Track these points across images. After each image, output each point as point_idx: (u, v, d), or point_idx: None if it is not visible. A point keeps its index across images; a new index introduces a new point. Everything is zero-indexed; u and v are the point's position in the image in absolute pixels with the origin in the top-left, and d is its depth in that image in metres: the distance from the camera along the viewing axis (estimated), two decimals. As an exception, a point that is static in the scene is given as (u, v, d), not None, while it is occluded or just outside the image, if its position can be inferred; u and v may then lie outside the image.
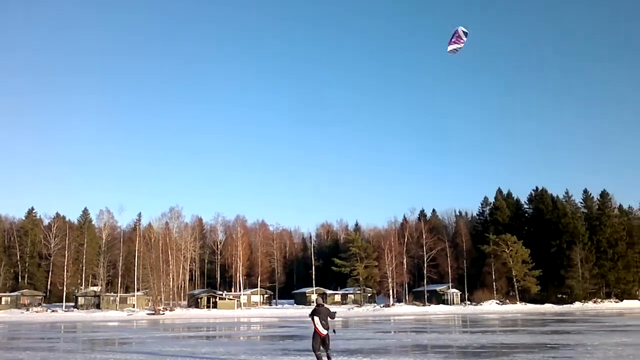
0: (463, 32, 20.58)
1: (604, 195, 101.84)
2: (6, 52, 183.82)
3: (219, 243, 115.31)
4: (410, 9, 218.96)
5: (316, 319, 14.65)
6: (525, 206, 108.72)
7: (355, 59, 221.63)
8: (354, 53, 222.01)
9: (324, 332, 14.63)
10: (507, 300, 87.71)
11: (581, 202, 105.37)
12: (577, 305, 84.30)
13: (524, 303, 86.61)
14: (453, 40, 20.73)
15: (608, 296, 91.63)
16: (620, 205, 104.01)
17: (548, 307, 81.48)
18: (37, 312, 77.60)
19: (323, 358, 14.78)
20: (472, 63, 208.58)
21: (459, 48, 20.81)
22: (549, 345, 21.58)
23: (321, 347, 14.75)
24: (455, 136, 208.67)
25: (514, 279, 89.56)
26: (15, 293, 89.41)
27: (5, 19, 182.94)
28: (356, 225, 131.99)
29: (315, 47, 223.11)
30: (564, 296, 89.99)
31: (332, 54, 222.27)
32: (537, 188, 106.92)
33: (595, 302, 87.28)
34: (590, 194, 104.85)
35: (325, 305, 15.47)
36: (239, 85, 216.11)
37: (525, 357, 16.87)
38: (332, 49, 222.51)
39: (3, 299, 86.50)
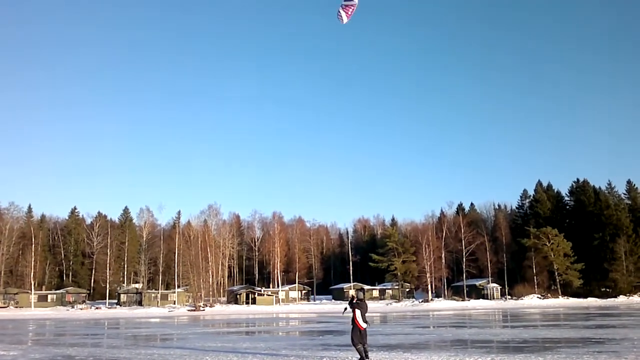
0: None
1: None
2: (35, 49, 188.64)
3: (256, 240, 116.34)
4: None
5: (358, 312, 14.72)
6: (566, 198, 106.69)
7: (385, 59, 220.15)
8: (383, 53, 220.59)
9: (364, 325, 14.72)
10: (549, 295, 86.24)
11: (624, 193, 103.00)
12: (622, 299, 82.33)
13: (566, 297, 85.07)
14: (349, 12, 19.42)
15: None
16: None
17: (591, 301, 79.85)
18: (81, 309, 79.64)
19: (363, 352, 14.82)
20: (506, 58, 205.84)
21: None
22: (593, 340, 21.15)
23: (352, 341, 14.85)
24: (493, 129, 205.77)
25: (556, 273, 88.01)
26: (61, 291, 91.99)
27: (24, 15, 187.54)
28: (393, 220, 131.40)
29: (345, 46, 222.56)
30: (608, 290, 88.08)
31: (362, 52, 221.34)
32: (578, 180, 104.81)
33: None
34: (634, 185, 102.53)
35: (365, 301, 15.51)
36: (273, 82, 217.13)
37: (569, 352, 16.57)
38: (362, 48, 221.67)
39: (49, 296, 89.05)
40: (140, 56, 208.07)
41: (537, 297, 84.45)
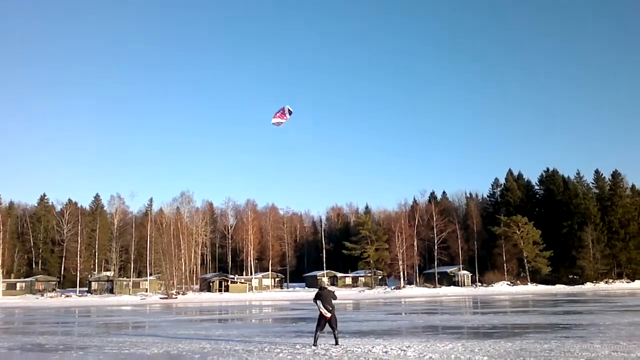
0: (289, 110, 21.64)
1: (615, 175, 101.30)
2: (16, 43, 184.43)
3: (229, 227, 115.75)
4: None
5: (319, 302, 15.03)
6: (536, 187, 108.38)
7: (360, 47, 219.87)
8: (359, 42, 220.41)
9: (328, 314, 15.04)
10: (518, 282, 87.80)
11: (592, 183, 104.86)
12: (589, 285, 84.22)
13: (535, 284, 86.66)
14: (278, 114, 21.74)
15: (620, 276, 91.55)
16: (633, 185, 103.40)
17: (559, 288, 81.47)
18: (51, 297, 78.57)
19: (320, 339, 15.38)
20: (479, 46, 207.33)
21: (282, 122, 22.00)
22: (561, 326, 21.61)
23: (326, 328, 15.31)
24: (464, 118, 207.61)
25: (525, 260, 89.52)
26: (30, 279, 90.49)
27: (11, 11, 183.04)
28: (366, 208, 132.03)
29: (320, 37, 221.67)
30: (575, 277, 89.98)
31: (337, 43, 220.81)
32: (548, 169, 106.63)
33: (606, 282, 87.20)
34: (602, 174, 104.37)
35: (329, 288, 15.84)
36: (247, 72, 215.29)
37: (538, 337, 16.90)
38: (339, 39, 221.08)
39: (18, 284, 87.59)
40: (116, 45, 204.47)
41: (507, 284, 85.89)
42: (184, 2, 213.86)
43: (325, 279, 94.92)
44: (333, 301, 15.33)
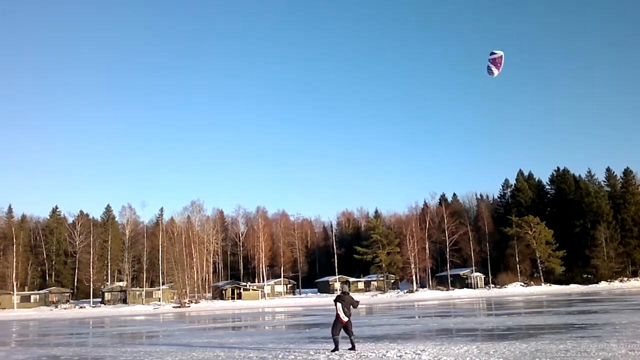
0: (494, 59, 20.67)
1: (627, 172, 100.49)
2: (22, 51, 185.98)
3: (240, 235, 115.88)
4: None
5: (339, 305, 14.96)
6: (547, 187, 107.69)
7: (364, 50, 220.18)
8: (363, 44, 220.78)
9: (345, 318, 14.98)
10: (532, 282, 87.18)
11: (604, 181, 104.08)
12: (603, 284, 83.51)
13: (548, 284, 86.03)
14: (494, 62, 20.74)
15: (634, 275, 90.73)
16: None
17: (573, 288, 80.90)
18: (65, 308, 78.96)
19: (340, 343, 15.21)
20: (487, 46, 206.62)
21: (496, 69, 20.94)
22: (576, 326, 21.42)
23: (341, 333, 15.16)
24: (473, 119, 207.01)
25: (538, 261, 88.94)
26: (44, 291, 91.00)
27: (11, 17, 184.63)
28: (377, 212, 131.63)
29: (331, 38, 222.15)
30: (589, 276, 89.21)
31: (343, 45, 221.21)
32: (558, 168, 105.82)
33: (621, 281, 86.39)
34: (613, 172, 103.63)
35: (350, 294, 15.76)
36: (257, 77, 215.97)
37: (553, 338, 16.77)
38: (348, 41, 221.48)
39: (32, 296, 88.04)
40: (126, 53, 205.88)
41: (520, 285, 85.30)
42: (185, 5, 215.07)
43: (338, 285, 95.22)
44: (352, 308, 15.30)
